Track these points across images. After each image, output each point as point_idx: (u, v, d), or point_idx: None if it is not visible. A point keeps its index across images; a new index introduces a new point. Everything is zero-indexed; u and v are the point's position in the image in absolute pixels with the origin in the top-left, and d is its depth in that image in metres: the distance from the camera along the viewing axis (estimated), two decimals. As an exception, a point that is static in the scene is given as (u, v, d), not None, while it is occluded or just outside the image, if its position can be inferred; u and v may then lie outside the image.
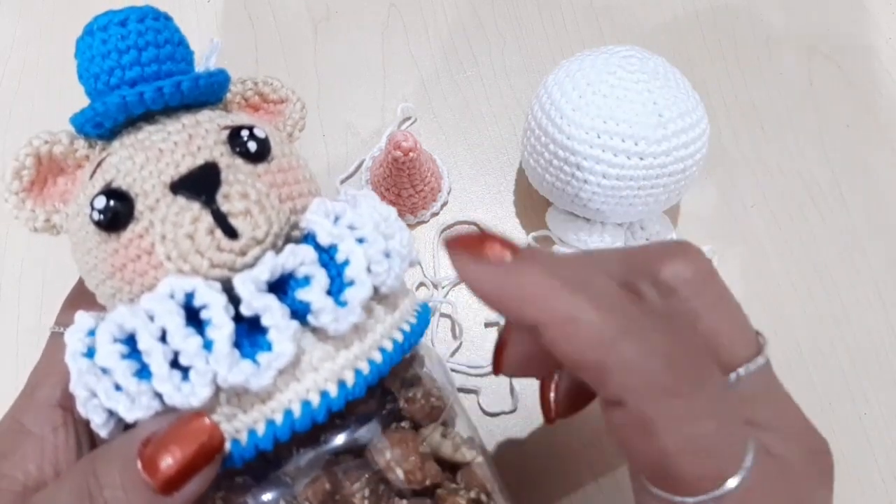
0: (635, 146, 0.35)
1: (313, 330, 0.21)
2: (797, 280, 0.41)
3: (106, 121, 0.22)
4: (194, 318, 0.19)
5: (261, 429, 0.20)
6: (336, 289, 0.20)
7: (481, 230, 0.21)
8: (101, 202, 0.21)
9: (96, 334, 0.20)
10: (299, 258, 0.20)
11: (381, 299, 0.22)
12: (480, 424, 0.38)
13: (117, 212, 0.21)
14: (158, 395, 0.19)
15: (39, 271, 0.43)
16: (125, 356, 0.20)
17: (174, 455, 0.19)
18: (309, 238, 0.21)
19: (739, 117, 0.46)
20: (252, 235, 0.20)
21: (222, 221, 0.20)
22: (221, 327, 0.19)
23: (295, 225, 0.22)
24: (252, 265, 0.20)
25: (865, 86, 0.47)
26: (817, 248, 0.42)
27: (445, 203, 0.44)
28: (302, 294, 0.20)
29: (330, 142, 0.46)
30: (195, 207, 0.20)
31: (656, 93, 0.35)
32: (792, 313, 0.41)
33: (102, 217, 0.21)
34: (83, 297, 0.24)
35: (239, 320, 0.19)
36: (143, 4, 0.23)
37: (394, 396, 0.24)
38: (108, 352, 0.19)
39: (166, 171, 0.21)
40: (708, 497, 0.19)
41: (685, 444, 0.18)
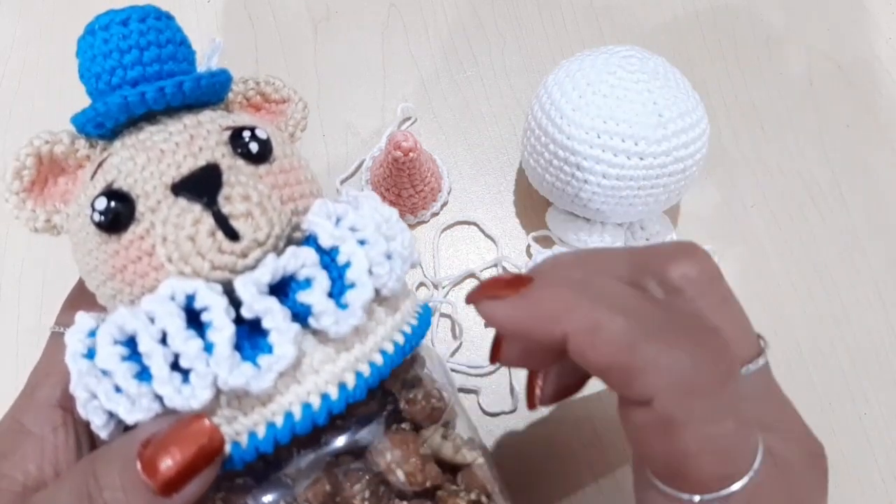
0: (635, 146, 0.35)
1: (314, 332, 0.20)
2: (797, 280, 0.41)
3: (107, 121, 0.22)
4: (195, 321, 0.19)
5: (261, 431, 0.20)
6: (337, 291, 0.20)
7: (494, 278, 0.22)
8: (102, 203, 0.21)
9: (97, 336, 0.20)
10: (300, 260, 0.20)
11: (383, 301, 0.22)
12: (480, 424, 0.38)
13: (118, 213, 0.21)
14: (159, 398, 0.19)
15: (39, 271, 0.43)
16: (125, 358, 0.20)
17: (174, 457, 0.19)
18: (310, 240, 0.21)
19: (739, 117, 0.46)
20: (253, 237, 0.20)
21: (224, 223, 0.20)
22: (222, 329, 0.19)
23: (296, 226, 0.22)
24: (253, 267, 0.20)
25: (865, 86, 0.47)
26: (817, 248, 0.42)
27: (445, 203, 0.44)
28: (303, 296, 0.20)
29: (330, 142, 0.46)
30: (196, 209, 0.20)
31: (656, 93, 0.35)
32: (792, 313, 0.41)
33: (103, 218, 0.21)
34: (84, 298, 0.24)
35: (240, 322, 0.19)
36: (145, 4, 0.23)
37: (394, 398, 0.24)
38: (109, 353, 0.19)
39: (168, 172, 0.21)
40: (714, 496, 0.19)
41: (706, 444, 0.19)
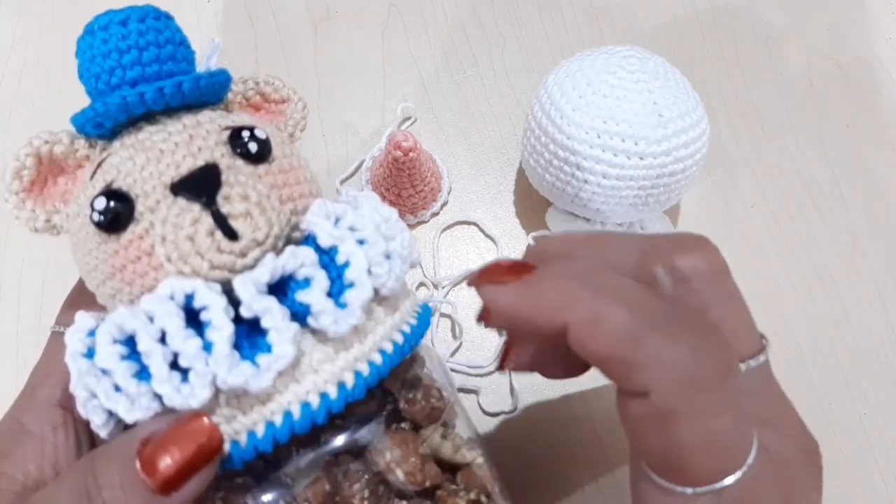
0: (635, 146, 0.35)
1: (313, 332, 0.21)
2: (797, 280, 0.41)
3: (106, 121, 0.22)
4: (194, 320, 0.19)
5: (260, 430, 0.20)
6: (336, 290, 0.20)
7: (496, 261, 0.22)
8: (102, 203, 0.21)
9: (96, 335, 0.20)
10: (299, 260, 0.20)
11: (382, 301, 0.22)
12: (480, 424, 0.38)
13: (117, 213, 0.21)
14: (158, 397, 0.19)
15: (39, 271, 0.43)
16: (125, 357, 0.20)
17: (173, 455, 0.19)
18: (309, 239, 0.21)
19: (739, 117, 0.46)
20: (252, 237, 0.20)
21: (222, 223, 0.20)
22: (221, 329, 0.19)
23: (296, 226, 0.22)
24: (252, 267, 0.20)
25: (865, 86, 0.47)
26: (817, 248, 0.42)
27: (445, 203, 0.44)
28: (302, 296, 0.20)
29: (330, 142, 0.46)
30: (195, 209, 0.20)
31: (656, 93, 0.35)
32: (792, 313, 0.41)
33: (103, 218, 0.21)
34: (83, 297, 0.24)
35: (239, 322, 0.19)
36: (144, 4, 0.23)
37: (394, 397, 0.24)
38: (108, 353, 0.19)
39: (167, 172, 0.21)
40: (708, 489, 0.19)
41: (703, 438, 0.19)
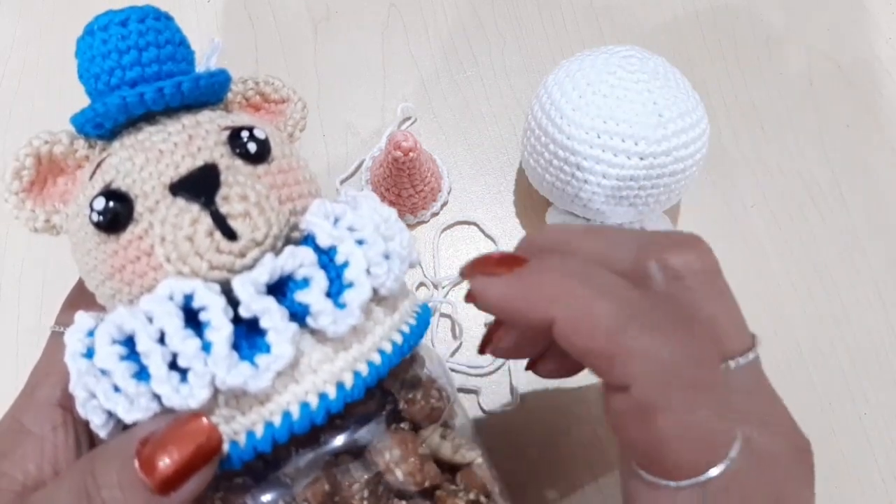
0: (635, 146, 0.35)
1: (312, 332, 0.21)
2: (797, 280, 0.41)
3: (106, 121, 0.22)
4: (193, 320, 0.19)
5: (259, 431, 0.20)
6: (335, 291, 0.20)
7: (489, 254, 0.23)
8: (101, 203, 0.21)
9: (95, 335, 0.20)
10: (298, 260, 0.20)
11: (381, 301, 0.22)
12: (480, 424, 0.38)
13: (117, 213, 0.21)
14: (157, 397, 0.19)
15: (39, 271, 0.43)
16: (124, 357, 0.20)
17: (172, 455, 0.19)
18: (308, 240, 0.21)
19: (739, 117, 0.46)
20: (251, 237, 0.20)
21: (221, 223, 0.20)
22: (220, 329, 0.19)
23: (295, 226, 0.22)
24: (251, 267, 0.20)
25: (865, 86, 0.47)
26: (817, 248, 0.42)
27: (445, 203, 0.44)
28: (301, 296, 0.20)
29: (330, 142, 0.46)
30: (194, 209, 0.20)
31: (656, 93, 0.35)
32: (792, 313, 0.41)
33: (102, 218, 0.21)
34: (83, 297, 0.24)
35: (238, 322, 0.19)
36: (144, 4, 0.23)
37: (394, 397, 0.24)
38: (107, 353, 0.19)
39: (166, 173, 0.21)
40: (692, 482, 0.19)
41: (681, 431, 0.19)
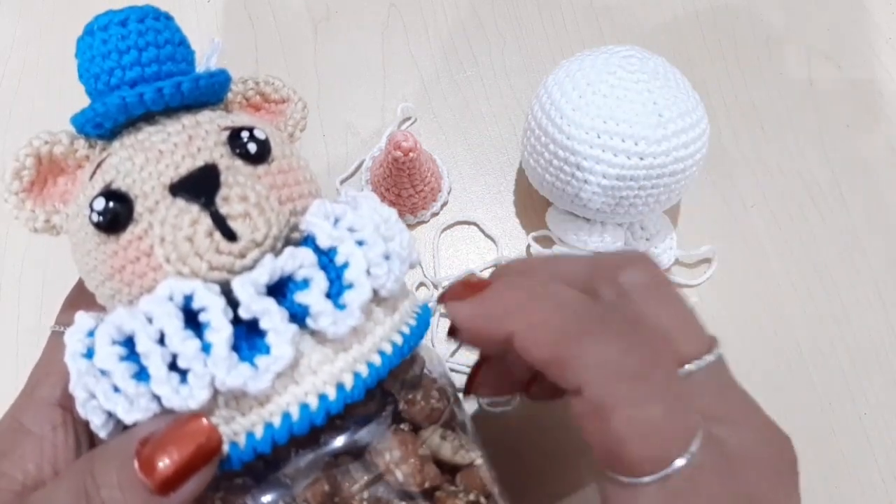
0: (635, 146, 0.35)
1: (312, 333, 0.20)
2: (797, 280, 0.41)
3: (106, 121, 0.22)
4: (193, 321, 0.19)
5: (259, 432, 0.20)
6: (335, 291, 0.20)
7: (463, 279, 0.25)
8: (101, 204, 0.21)
9: (95, 336, 0.20)
10: (298, 261, 0.20)
11: (381, 302, 0.22)
12: (480, 425, 0.38)
13: (116, 213, 0.21)
14: (157, 398, 0.19)
15: (39, 271, 0.43)
16: (124, 358, 0.20)
17: (171, 456, 0.19)
18: (308, 240, 0.21)
19: (739, 117, 0.46)
20: (251, 238, 0.20)
21: (221, 224, 0.20)
22: (220, 330, 0.19)
23: (295, 227, 0.22)
24: (251, 268, 0.20)
25: (865, 86, 0.47)
26: (817, 248, 0.42)
27: (445, 203, 0.44)
28: (301, 297, 0.20)
29: (330, 142, 0.46)
30: (194, 210, 0.20)
31: (656, 93, 0.35)
32: (792, 313, 0.41)
33: (101, 219, 0.21)
34: (83, 297, 0.24)
35: (237, 323, 0.19)
36: (144, 4, 0.23)
37: (394, 398, 0.24)
38: (107, 354, 0.19)
39: (166, 173, 0.21)
40: (654, 478, 0.20)
41: (633, 427, 0.20)
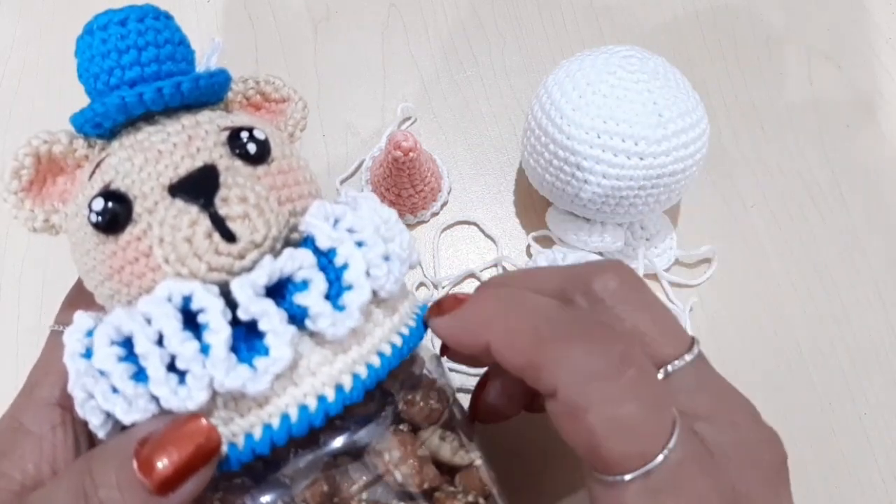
0: (635, 146, 0.35)
1: (311, 334, 0.20)
2: (797, 280, 0.41)
3: (105, 121, 0.22)
4: (192, 322, 0.19)
5: (258, 433, 0.20)
6: (334, 293, 0.20)
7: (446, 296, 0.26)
8: (100, 204, 0.21)
9: (94, 336, 0.20)
10: (297, 262, 0.20)
11: (380, 303, 0.22)
12: (479, 425, 0.38)
13: (115, 214, 0.21)
14: (155, 398, 0.19)
15: (39, 271, 0.43)
16: (122, 359, 0.20)
17: (170, 456, 0.19)
18: (308, 241, 0.21)
19: (739, 117, 0.46)
20: (250, 239, 0.20)
21: (220, 225, 0.20)
22: (218, 332, 0.19)
23: (294, 227, 0.22)
24: (250, 269, 0.20)
25: (865, 86, 0.47)
26: (817, 248, 0.42)
27: (445, 203, 0.44)
28: (300, 298, 0.20)
29: (330, 142, 0.46)
30: (193, 210, 0.20)
31: (656, 93, 0.35)
32: (792, 313, 0.40)
33: (100, 219, 0.21)
34: (83, 297, 0.24)
35: (236, 324, 0.19)
36: (144, 3, 0.23)
37: (393, 399, 0.24)
38: (106, 354, 0.19)
39: (165, 173, 0.21)
40: (635, 475, 0.20)
41: (609, 425, 0.20)
